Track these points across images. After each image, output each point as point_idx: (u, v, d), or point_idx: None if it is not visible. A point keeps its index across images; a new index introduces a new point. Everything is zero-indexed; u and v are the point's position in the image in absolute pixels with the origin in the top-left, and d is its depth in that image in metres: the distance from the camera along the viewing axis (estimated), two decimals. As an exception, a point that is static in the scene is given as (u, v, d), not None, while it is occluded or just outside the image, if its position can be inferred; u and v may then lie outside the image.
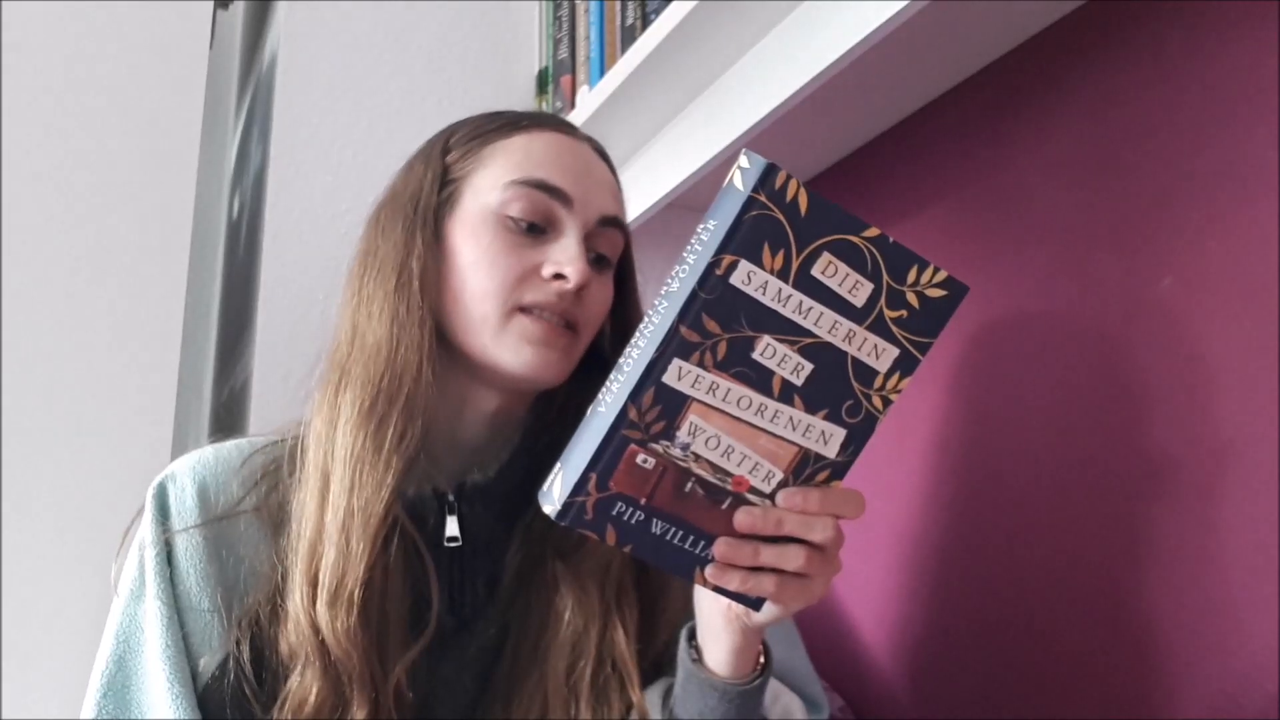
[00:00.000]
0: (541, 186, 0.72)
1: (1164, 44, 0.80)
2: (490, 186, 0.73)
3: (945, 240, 1.00)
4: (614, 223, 0.76)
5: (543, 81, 1.39)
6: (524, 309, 0.71)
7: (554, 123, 0.78)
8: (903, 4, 0.78)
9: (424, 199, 0.74)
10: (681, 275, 0.55)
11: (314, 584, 0.66)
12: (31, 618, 1.07)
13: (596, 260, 0.75)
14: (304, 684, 0.65)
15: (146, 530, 0.70)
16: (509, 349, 0.71)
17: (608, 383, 0.57)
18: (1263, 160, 0.71)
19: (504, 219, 0.72)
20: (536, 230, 0.72)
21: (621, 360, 0.56)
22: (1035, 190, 0.91)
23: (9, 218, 1.14)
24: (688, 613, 0.70)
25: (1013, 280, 0.92)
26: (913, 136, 1.07)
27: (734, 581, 0.58)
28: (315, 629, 0.65)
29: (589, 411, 0.57)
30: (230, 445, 0.76)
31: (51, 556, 1.08)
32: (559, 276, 0.71)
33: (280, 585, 0.68)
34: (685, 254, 0.55)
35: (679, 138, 1.14)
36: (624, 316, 0.79)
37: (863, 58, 0.86)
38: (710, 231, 0.54)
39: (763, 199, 0.53)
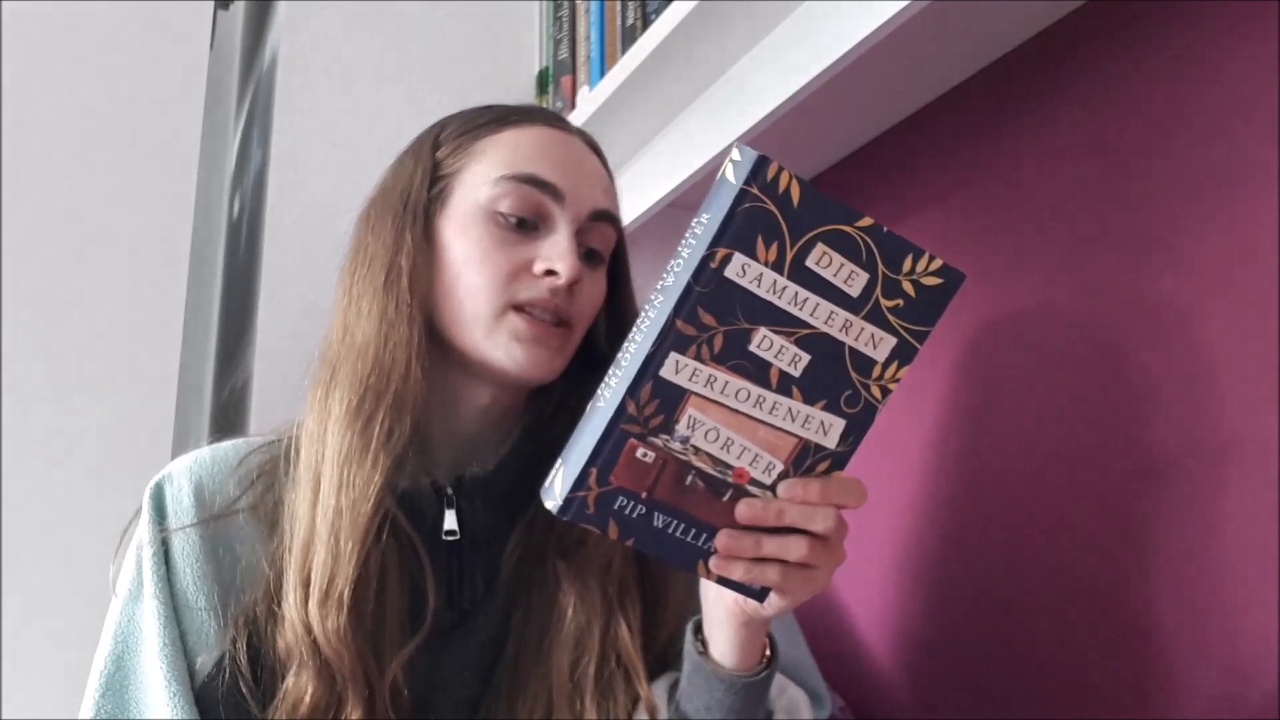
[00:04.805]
0: (532, 181, 0.72)
1: (1164, 44, 0.80)
2: (480, 182, 0.73)
3: (945, 240, 1.00)
4: (606, 217, 0.75)
5: (543, 82, 1.39)
6: (516, 307, 0.71)
7: (544, 116, 0.77)
8: (903, 4, 0.78)
9: (414, 195, 0.74)
10: (676, 269, 0.55)
11: (306, 585, 0.66)
12: (32, 618, 1.07)
13: (588, 255, 0.74)
14: (299, 684, 0.65)
15: (143, 530, 0.71)
16: (501, 347, 0.71)
17: (606, 378, 0.57)
18: (1263, 160, 0.71)
19: (494, 215, 0.72)
20: (527, 226, 0.72)
21: (619, 355, 0.56)
22: (1035, 189, 0.91)
23: (9, 218, 1.14)
24: (692, 606, 0.71)
25: (1013, 279, 0.92)
26: (912, 137, 1.07)
27: (737, 572, 0.59)
28: (308, 629, 0.65)
29: (588, 407, 0.57)
30: (227, 445, 0.76)
31: (52, 556, 1.08)
32: (550, 273, 0.71)
33: (276, 585, 0.68)
34: (680, 248, 0.55)
35: (679, 138, 1.14)
36: (619, 312, 0.79)
37: (863, 57, 0.86)
38: (704, 225, 0.54)
39: (755, 191, 0.53)
